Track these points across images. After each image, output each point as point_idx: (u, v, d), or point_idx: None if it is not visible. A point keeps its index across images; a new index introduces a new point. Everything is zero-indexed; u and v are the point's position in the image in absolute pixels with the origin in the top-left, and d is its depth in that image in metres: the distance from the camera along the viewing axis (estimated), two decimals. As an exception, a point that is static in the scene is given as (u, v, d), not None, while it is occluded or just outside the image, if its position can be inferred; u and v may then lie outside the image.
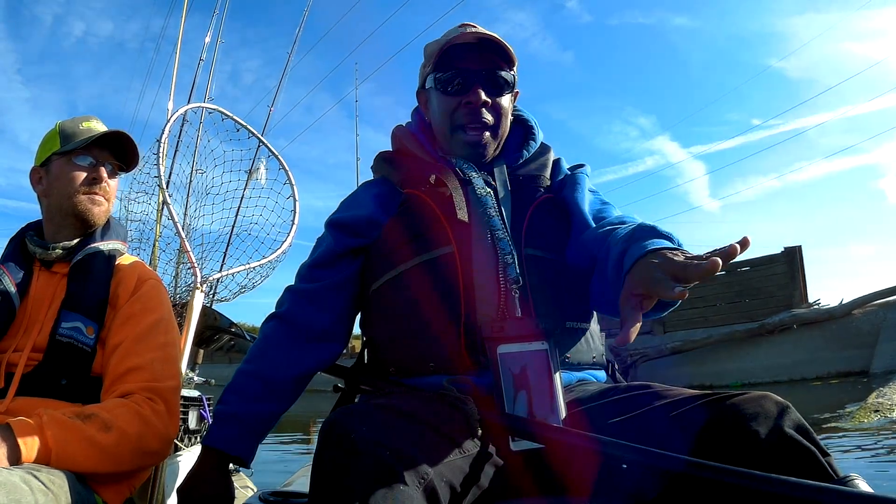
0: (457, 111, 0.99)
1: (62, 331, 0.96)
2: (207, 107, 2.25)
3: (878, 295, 8.60)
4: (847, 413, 4.83)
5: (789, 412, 0.62)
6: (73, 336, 0.97)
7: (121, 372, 0.95)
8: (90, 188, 1.06)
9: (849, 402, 5.37)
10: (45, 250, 1.05)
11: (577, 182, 1.01)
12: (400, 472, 0.57)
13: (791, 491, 0.52)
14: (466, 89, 0.97)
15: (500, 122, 1.00)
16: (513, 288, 0.86)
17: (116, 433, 0.86)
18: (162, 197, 2.00)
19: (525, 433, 0.73)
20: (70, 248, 1.06)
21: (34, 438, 0.78)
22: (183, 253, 2.44)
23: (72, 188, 1.05)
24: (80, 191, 1.05)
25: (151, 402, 0.93)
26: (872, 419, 4.48)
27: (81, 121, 1.11)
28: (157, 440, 0.92)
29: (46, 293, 1.02)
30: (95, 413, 0.86)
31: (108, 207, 1.10)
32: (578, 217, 0.96)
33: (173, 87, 3.26)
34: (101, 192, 1.08)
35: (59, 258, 1.05)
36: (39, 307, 1.00)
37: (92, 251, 1.05)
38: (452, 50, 0.98)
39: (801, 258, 9.91)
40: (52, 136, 1.10)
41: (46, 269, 1.05)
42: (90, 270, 1.03)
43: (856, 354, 8.02)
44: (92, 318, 0.99)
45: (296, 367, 0.97)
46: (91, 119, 1.13)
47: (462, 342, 0.84)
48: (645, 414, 0.71)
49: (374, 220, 0.99)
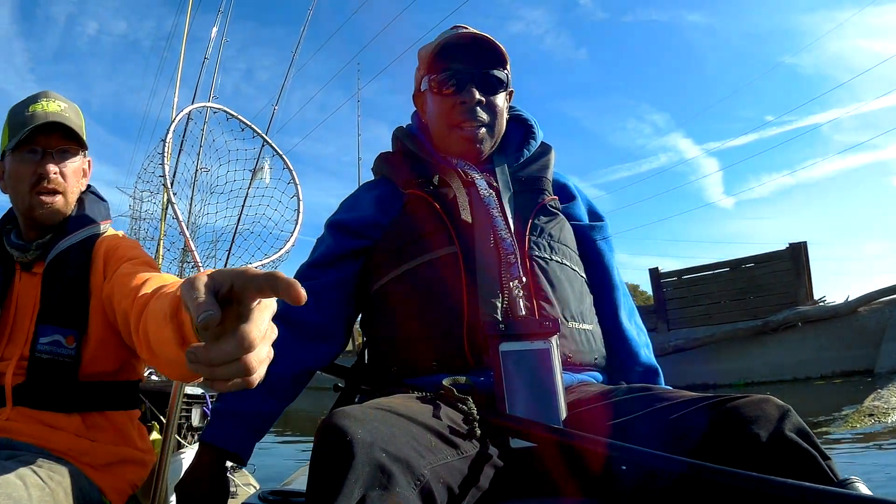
0: (452, 110, 1.00)
1: (41, 346, 0.92)
2: (212, 106, 2.24)
3: (885, 292, 8.44)
4: (842, 416, 4.65)
5: (790, 416, 0.62)
6: (53, 351, 0.92)
7: (142, 280, 0.87)
8: (39, 185, 0.98)
9: (848, 403, 5.21)
10: (23, 253, 0.99)
11: (611, 248, 1.07)
12: (395, 474, 0.57)
13: (791, 493, 0.51)
14: (461, 89, 0.99)
15: (495, 120, 1.02)
16: (516, 288, 0.86)
17: None
18: (166, 196, 2.00)
19: (525, 434, 0.73)
20: (45, 244, 1.00)
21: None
22: (187, 251, 2.45)
23: (22, 189, 0.98)
24: (31, 190, 0.98)
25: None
26: (866, 424, 4.29)
27: (29, 103, 1.01)
28: None
29: (29, 297, 0.97)
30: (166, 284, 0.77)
31: (68, 198, 1.02)
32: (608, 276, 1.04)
33: (178, 87, 3.28)
34: (54, 185, 0.99)
35: (36, 258, 1.00)
36: (23, 314, 0.96)
37: (64, 247, 0.99)
38: (445, 51, 0.99)
39: (807, 254, 9.75)
40: (4, 127, 1.03)
41: (27, 270, 1.00)
42: (64, 271, 0.97)
43: (861, 353, 7.91)
44: (70, 326, 0.94)
45: (294, 365, 0.97)
46: (40, 98, 1.01)
47: (464, 342, 0.84)
48: (646, 416, 0.71)
49: (374, 221, 1.00)
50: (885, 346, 7.71)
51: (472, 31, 1.01)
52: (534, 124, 1.10)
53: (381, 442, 0.59)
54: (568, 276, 0.94)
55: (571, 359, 0.88)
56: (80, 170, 1.05)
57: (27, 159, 0.98)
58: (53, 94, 1.04)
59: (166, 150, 1.78)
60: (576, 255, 0.99)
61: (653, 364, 1.02)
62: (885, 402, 4.81)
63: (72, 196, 1.03)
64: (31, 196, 0.98)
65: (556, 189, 1.06)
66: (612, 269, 1.04)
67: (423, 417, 0.68)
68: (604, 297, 1.02)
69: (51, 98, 1.02)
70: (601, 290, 1.02)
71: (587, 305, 0.96)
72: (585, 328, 0.92)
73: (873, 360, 7.68)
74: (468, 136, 1.00)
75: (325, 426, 0.62)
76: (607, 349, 0.97)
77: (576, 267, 0.97)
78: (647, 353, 1.03)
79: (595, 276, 1.03)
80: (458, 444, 0.69)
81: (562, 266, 0.94)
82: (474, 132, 1.00)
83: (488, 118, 1.01)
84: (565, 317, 0.89)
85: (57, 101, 1.02)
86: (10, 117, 1.01)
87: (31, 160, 0.98)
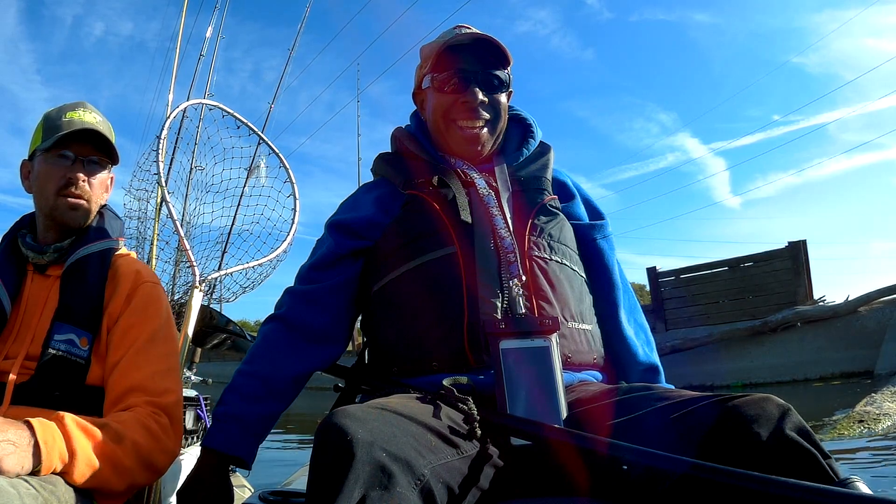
0: (453, 107, 1.00)
1: (55, 344, 0.93)
2: (207, 103, 2.23)
3: (885, 292, 8.32)
4: (832, 422, 4.42)
5: (790, 415, 0.62)
6: (67, 349, 0.94)
7: (123, 388, 0.92)
8: (66, 189, 1.00)
9: (842, 406, 5.00)
10: (38, 254, 1.01)
11: (611, 247, 1.06)
12: (396, 474, 0.57)
13: (791, 492, 0.52)
14: (464, 88, 0.99)
15: (497, 118, 1.02)
16: (515, 287, 0.86)
17: (129, 445, 0.82)
18: (161, 194, 1.99)
19: (525, 434, 0.73)
20: (62, 249, 1.02)
21: (55, 444, 0.72)
22: (182, 251, 2.43)
23: (49, 189, 1.00)
24: (57, 193, 1.00)
25: (157, 417, 0.90)
26: (854, 431, 4.04)
27: (67, 110, 1.04)
28: (163, 455, 0.89)
29: (39, 298, 0.99)
30: (107, 423, 0.83)
31: (91, 207, 1.04)
32: (608, 275, 1.04)
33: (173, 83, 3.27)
34: (80, 192, 1.01)
35: (51, 261, 1.01)
36: (32, 313, 0.97)
37: (84, 254, 1.01)
38: (449, 50, 0.99)
39: (806, 253, 9.63)
40: (37, 128, 1.05)
41: (40, 273, 1.01)
42: (83, 276, 0.99)
43: (861, 354, 7.77)
44: (86, 328, 0.96)
45: (295, 368, 0.97)
46: (78, 108, 1.05)
47: (465, 341, 0.84)
48: (646, 415, 0.71)
49: (374, 221, 1.00)
50: (886, 346, 7.55)
51: (475, 31, 1.02)
52: (532, 124, 1.11)
53: (382, 442, 0.59)
54: (567, 276, 0.94)
55: (571, 358, 0.88)
56: (105, 183, 1.08)
57: (58, 162, 1.01)
58: (90, 106, 1.07)
59: (161, 148, 1.77)
60: (576, 254, 0.99)
61: (653, 363, 1.02)
62: (878, 407, 4.51)
63: (94, 206, 1.06)
64: (56, 198, 1.00)
65: (556, 188, 1.06)
66: (613, 268, 1.04)
67: (424, 417, 0.68)
68: (604, 296, 1.02)
69: (88, 109, 1.06)
70: (601, 290, 1.02)
71: (587, 305, 0.96)
72: (585, 328, 0.92)
73: (873, 361, 7.52)
74: (469, 136, 1.00)
75: (326, 426, 0.62)
76: (607, 348, 0.97)
77: (575, 267, 0.97)
78: (648, 351, 1.03)
79: (595, 274, 1.03)
80: (458, 443, 0.69)
81: (561, 266, 0.94)
82: (475, 131, 1.00)
83: (490, 117, 1.01)
84: (565, 316, 0.89)
85: (93, 113, 1.06)
86: (46, 121, 1.04)
87: (62, 164, 1.01)
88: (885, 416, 4.26)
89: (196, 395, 2.43)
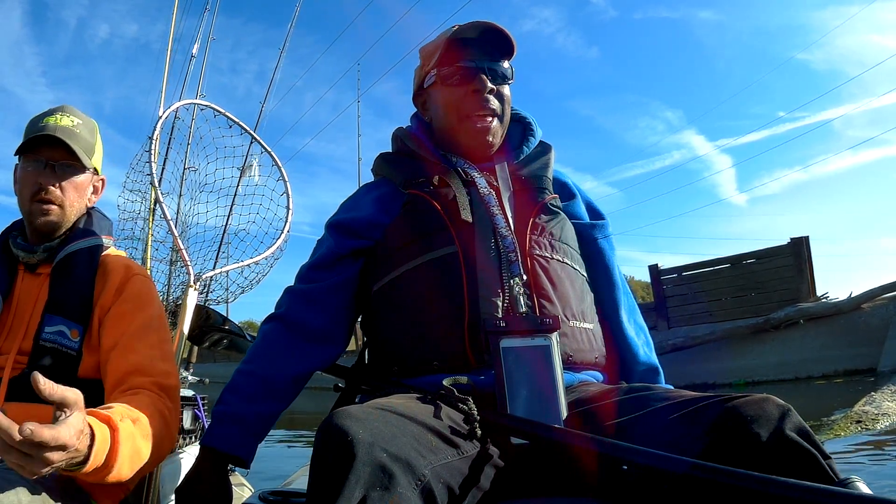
0: (463, 99, 1.00)
1: (46, 335, 0.94)
2: (200, 103, 2.23)
3: (888, 288, 8.22)
4: (830, 422, 4.33)
5: (790, 415, 0.62)
6: (57, 340, 0.95)
7: (124, 370, 0.93)
8: (38, 195, 1.00)
9: (843, 405, 4.91)
10: (29, 253, 1.02)
11: (612, 247, 1.06)
12: (396, 474, 0.57)
13: (791, 492, 0.52)
14: (471, 77, 0.99)
15: (504, 110, 1.02)
16: (516, 286, 0.86)
17: (152, 441, 0.82)
18: (154, 195, 1.99)
19: (526, 434, 0.73)
20: (52, 248, 1.03)
21: (100, 457, 0.70)
22: (176, 251, 2.43)
23: (24, 195, 1.02)
24: (31, 199, 1.01)
25: (164, 401, 0.90)
26: (850, 432, 3.94)
27: (46, 115, 1.04)
28: (170, 442, 0.90)
29: (31, 295, 1.00)
30: (139, 419, 0.80)
31: (65, 211, 1.03)
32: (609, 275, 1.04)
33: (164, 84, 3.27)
34: (50, 197, 1.00)
35: (41, 260, 1.03)
36: (24, 310, 0.99)
37: (73, 250, 1.03)
38: (455, 44, 0.99)
39: (809, 249, 9.53)
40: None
41: (31, 272, 1.03)
42: (72, 270, 1.00)
43: (864, 351, 7.68)
44: (76, 321, 0.97)
45: (295, 367, 0.97)
46: (56, 112, 1.04)
47: (465, 340, 0.84)
48: (646, 416, 0.71)
49: (375, 221, 1.00)
50: (889, 343, 7.46)
51: (481, 21, 1.01)
52: (532, 122, 1.10)
53: (382, 442, 0.59)
54: (569, 275, 0.94)
55: (572, 357, 0.88)
56: (84, 186, 1.07)
57: (31, 168, 1.02)
58: (71, 110, 1.07)
59: (153, 149, 1.77)
60: (577, 253, 0.99)
61: (653, 363, 1.02)
62: (877, 407, 4.39)
63: (70, 210, 1.04)
64: (31, 203, 1.01)
65: (556, 187, 1.05)
66: (613, 268, 1.04)
67: (424, 417, 0.68)
68: (604, 296, 1.02)
69: (66, 113, 1.05)
70: (602, 289, 1.02)
71: (588, 304, 0.96)
72: (586, 327, 0.92)
73: (876, 358, 7.44)
74: (481, 129, 1.00)
75: (326, 426, 0.62)
76: (608, 348, 0.97)
77: (577, 266, 0.97)
78: (648, 351, 1.03)
79: (596, 274, 1.03)
80: (458, 444, 0.69)
81: (563, 265, 0.94)
82: (488, 123, 1.00)
83: (499, 108, 1.01)
84: (566, 315, 0.89)
85: (72, 116, 1.05)
86: (26, 126, 1.05)
87: (35, 170, 1.01)
88: (885, 415, 4.18)
89: (193, 394, 2.43)
